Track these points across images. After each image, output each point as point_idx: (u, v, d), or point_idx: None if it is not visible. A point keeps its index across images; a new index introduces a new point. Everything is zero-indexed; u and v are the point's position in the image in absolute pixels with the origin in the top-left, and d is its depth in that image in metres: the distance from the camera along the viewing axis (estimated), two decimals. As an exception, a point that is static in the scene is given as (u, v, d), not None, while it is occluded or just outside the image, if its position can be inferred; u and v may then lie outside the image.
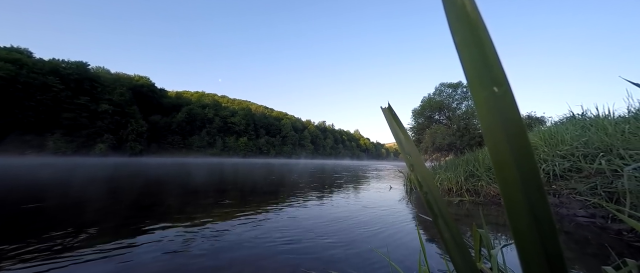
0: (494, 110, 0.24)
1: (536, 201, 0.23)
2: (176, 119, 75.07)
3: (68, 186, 6.76)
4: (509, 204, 0.25)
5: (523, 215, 0.24)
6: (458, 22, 0.25)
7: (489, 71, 0.24)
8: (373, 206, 4.60)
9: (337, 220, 3.54)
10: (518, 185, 0.24)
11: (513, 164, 0.24)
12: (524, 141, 0.23)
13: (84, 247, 2.43)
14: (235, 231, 2.99)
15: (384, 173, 16.31)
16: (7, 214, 3.64)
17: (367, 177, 12.17)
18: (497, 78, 0.23)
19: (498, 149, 0.24)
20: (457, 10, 0.24)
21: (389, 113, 0.46)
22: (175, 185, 7.26)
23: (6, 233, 2.77)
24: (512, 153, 0.23)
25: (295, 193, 6.02)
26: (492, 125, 0.24)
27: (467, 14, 0.24)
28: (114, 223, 3.27)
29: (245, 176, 11.16)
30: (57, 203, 4.53)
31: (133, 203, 4.73)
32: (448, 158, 11.94)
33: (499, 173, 0.24)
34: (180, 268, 2.02)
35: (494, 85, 0.23)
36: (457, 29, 0.25)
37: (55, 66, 51.57)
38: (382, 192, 6.46)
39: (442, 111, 15.89)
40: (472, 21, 0.24)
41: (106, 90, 58.65)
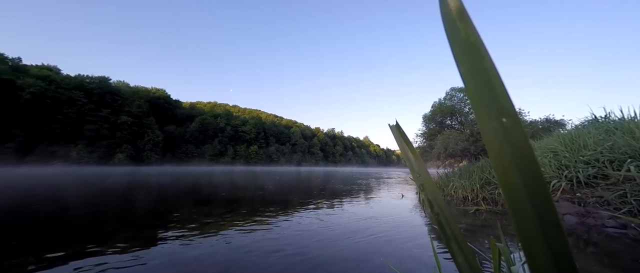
0: (503, 141, 0.23)
1: (553, 238, 0.23)
2: (190, 128, 77.52)
3: (115, 193, 7.09)
4: (524, 238, 0.24)
5: (539, 255, 0.23)
6: (463, 53, 0.25)
7: (496, 102, 0.23)
8: (384, 216, 4.50)
9: (349, 230, 3.49)
10: (532, 217, 0.23)
11: (526, 196, 0.23)
12: (536, 172, 0.23)
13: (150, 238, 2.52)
14: (244, 241, 3.01)
15: (395, 181, 15.98)
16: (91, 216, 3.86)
17: (379, 185, 11.95)
18: (505, 109, 0.23)
19: (508, 179, 0.24)
20: (461, 42, 0.25)
21: (397, 131, 0.45)
22: (201, 194, 7.44)
23: (90, 231, 2.93)
24: (524, 184, 0.23)
25: (307, 203, 6.00)
26: (501, 156, 0.24)
27: (471, 45, 0.24)
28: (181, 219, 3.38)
29: (256, 184, 11.27)
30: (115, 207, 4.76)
31: (190, 206, 4.88)
32: (462, 164, 11.56)
33: (510, 204, 0.24)
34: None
35: (503, 117, 0.23)
36: (462, 59, 0.25)
37: (80, 81, 55.09)
38: (394, 201, 6.32)
39: (453, 116, 15.52)
40: (477, 52, 0.24)
41: (126, 102, 61.74)
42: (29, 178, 14.27)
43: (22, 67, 50.04)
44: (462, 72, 0.25)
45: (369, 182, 13.83)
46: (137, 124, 61.73)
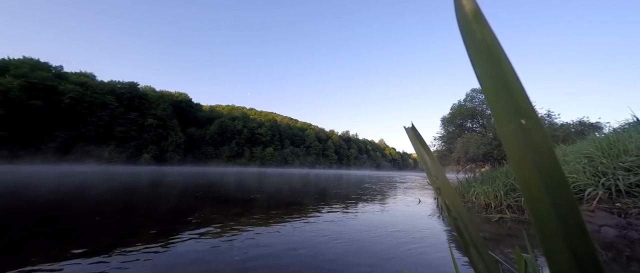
0: (523, 144, 0.23)
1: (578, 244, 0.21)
2: (209, 131, 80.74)
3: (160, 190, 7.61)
4: (546, 244, 0.23)
5: (563, 261, 0.22)
6: (479, 55, 0.24)
7: (515, 104, 0.23)
8: (400, 220, 4.39)
9: (363, 234, 3.44)
10: (554, 222, 0.22)
11: (548, 200, 0.22)
12: (558, 176, 0.22)
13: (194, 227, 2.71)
14: (260, 241, 3.07)
15: (411, 185, 15.50)
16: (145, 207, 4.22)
17: (394, 189, 11.67)
18: (524, 110, 0.22)
19: (529, 183, 0.23)
20: (477, 44, 0.24)
21: (413, 133, 0.44)
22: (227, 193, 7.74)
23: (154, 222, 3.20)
24: (546, 188, 0.22)
25: (319, 205, 6.01)
26: (521, 158, 0.23)
27: (488, 46, 0.24)
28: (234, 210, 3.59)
29: (273, 186, 11.46)
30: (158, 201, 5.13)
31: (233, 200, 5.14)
32: (484, 169, 10.99)
33: (532, 210, 0.23)
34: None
35: (521, 118, 0.22)
36: (478, 61, 0.24)
37: (112, 87, 59.58)
38: (411, 206, 6.14)
39: (474, 118, 14.82)
40: (493, 53, 0.23)
41: (152, 106, 65.71)
42: (69, 175, 15.63)
43: (63, 74, 55.14)
44: (479, 73, 0.24)
45: (383, 186, 13.55)
46: (162, 126, 65.42)
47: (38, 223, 3.68)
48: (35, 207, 4.94)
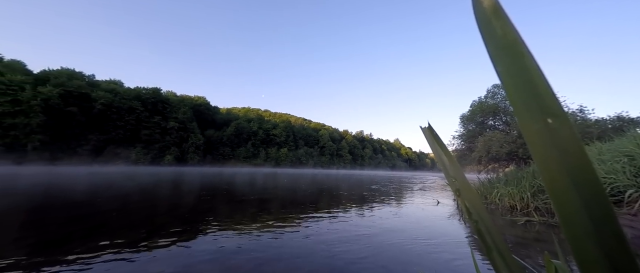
0: (549, 144, 0.21)
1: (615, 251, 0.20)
2: (226, 132, 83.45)
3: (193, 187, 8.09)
4: (578, 251, 0.21)
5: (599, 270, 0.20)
6: (499, 52, 0.23)
7: (540, 101, 0.21)
8: (418, 222, 4.26)
9: (380, 236, 3.39)
10: (587, 228, 0.20)
11: (579, 204, 0.20)
12: (590, 177, 0.20)
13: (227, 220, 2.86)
14: (277, 241, 3.13)
15: (429, 186, 15.00)
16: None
17: (411, 190, 11.36)
18: (551, 108, 0.21)
19: (557, 187, 0.21)
20: (498, 40, 0.23)
21: (430, 133, 0.42)
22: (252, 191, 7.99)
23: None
24: (577, 191, 0.20)
25: (336, 205, 6.00)
26: (548, 161, 0.21)
27: (509, 43, 0.22)
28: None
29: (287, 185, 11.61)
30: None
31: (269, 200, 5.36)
32: (508, 169, 10.38)
33: (561, 214, 0.21)
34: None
35: (548, 117, 0.21)
36: (498, 58, 0.23)
37: (138, 92, 63.46)
38: (429, 208, 5.95)
39: (497, 116, 14.06)
40: (515, 50, 0.22)
41: (173, 110, 69.15)
42: (100, 175, 16.89)
43: (95, 82, 59.63)
44: (500, 71, 0.23)
45: (400, 187, 13.24)
46: (183, 128, 68.62)
47: (76, 219, 4.01)
48: (73, 205, 5.39)
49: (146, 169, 40.86)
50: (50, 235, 3.16)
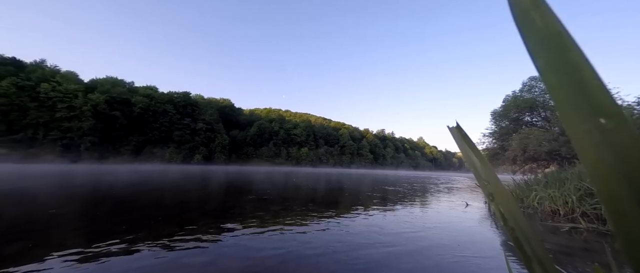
0: (601, 146, 0.18)
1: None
2: (250, 133, 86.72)
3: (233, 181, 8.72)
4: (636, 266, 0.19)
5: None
6: (540, 45, 0.20)
7: (590, 99, 0.18)
8: (445, 227, 4.05)
9: (404, 242, 3.29)
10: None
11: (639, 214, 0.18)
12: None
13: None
14: (301, 237, 3.18)
15: (456, 187, 14.17)
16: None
17: (437, 191, 10.84)
18: (603, 107, 0.18)
19: (612, 193, 0.19)
20: (538, 33, 0.20)
21: (458, 133, 0.38)
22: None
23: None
24: (636, 199, 0.18)
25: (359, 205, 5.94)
26: (600, 165, 0.19)
27: (551, 35, 0.19)
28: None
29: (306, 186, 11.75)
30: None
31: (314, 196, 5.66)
32: (548, 170, 9.43)
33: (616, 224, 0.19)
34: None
35: (600, 116, 0.18)
36: (539, 52, 0.20)
37: (170, 97, 68.56)
38: (457, 211, 5.62)
39: (534, 111, 12.84)
40: (559, 42, 0.19)
41: (201, 112, 73.56)
42: (139, 173, 18.60)
43: (134, 88, 65.56)
44: (540, 67, 0.20)
45: (424, 187, 12.69)
46: (210, 129, 72.74)
47: (121, 212, 4.47)
48: (118, 199, 6.00)
49: (178, 167, 44.07)
50: (100, 225, 3.56)
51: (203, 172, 25.58)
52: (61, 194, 6.76)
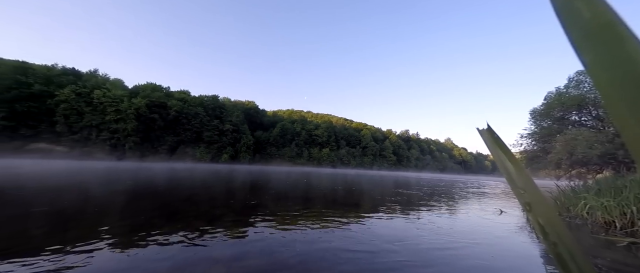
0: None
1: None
2: (273, 133, 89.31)
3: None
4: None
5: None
6: (587, 38, 0.18)
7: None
8: (476, 237, 3.76)
9: (431, 253, 3.14)
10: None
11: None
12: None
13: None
14: (321, 237, 3.19)
15: (488, 192, 13.12)
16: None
17: (466, 196, 10.15)
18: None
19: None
20: (584, 25, 0.18)
21: (490, 137, 0.35)
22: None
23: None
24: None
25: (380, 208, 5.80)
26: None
27: (601, 26, 0.17)
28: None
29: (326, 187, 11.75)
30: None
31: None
32: (600, 176, 8.31)
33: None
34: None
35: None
36: (585, 46, 0.18)
37: (201, 100, 73.38)
38: (490, 219, 5.20)
39: (583, 109, 11.41)
40: (610, 34, 0.17)
41: (228, 113, 77.57)
42: (174, 171, 20.19)
43: (170, 93, 71.31)
44: (588, 62, 0.18)
45: (452, 192, 11.96)
46: (236, 130, 76.39)
47: (158, 206, 4.89)
48: (156, 194, 6.58)
49: (207, 166, 46.91)
50: (140, 217, 3.93)
51: (229, 170, 26.93)
52: (110, 188, 7.61)
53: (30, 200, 5.00)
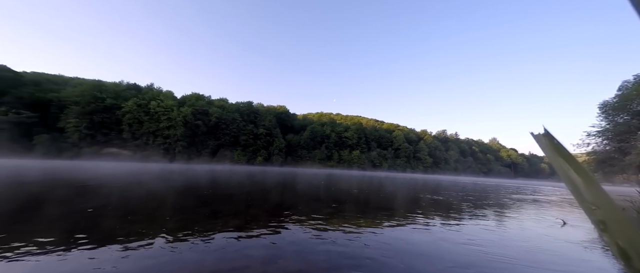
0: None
1: None
2: (303, 136, 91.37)
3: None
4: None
5: None
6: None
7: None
8: (535, 253, 3.34)
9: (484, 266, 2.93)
10: None
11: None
12: None
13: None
14: (359, 241, 3.21)
15: (546, 198, 11.46)
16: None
17: (519, 204, 9.05)
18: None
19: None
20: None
21: (548, 142, 0.28)
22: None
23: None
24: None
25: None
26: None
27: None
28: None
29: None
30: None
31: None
32: None
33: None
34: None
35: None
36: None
37: (237, 106, 78.93)
38: (549, 232, 4.58)
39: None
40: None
41: (262, 118, 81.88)
42: (215, 172, 22.08)
43: (211, 101, 78.25)
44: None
45: (499, 198, 10.78)
46: (269, 134, 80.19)
47: (201, 204, 5.46)
48: (200, 193, 7.32)
49: (243, 168, 50.05)
50: (187, 213, 4.45)
51: (263, 172, 28.34)
52: (165, 185, 8.69)
53: (109, 192, 6.03)
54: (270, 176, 20.38)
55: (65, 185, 8.04)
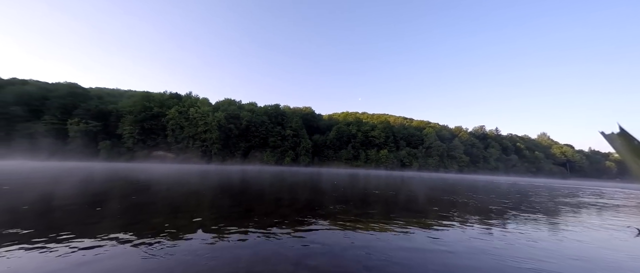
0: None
1: None
2: (329, 137, 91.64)
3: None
4: None
5: None
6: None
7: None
8: (603, 266, 2.90)
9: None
10: None
11: None
12: None
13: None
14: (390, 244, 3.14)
15: (612, 202, 9.80)
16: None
17: (577, 208, 7.92)
18: None
19: None
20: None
21: (625, 142, 0.23)
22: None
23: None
24: None
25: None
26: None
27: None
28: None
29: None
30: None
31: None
32: None
33: None
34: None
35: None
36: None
37: (265, 109, 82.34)
38: (623, 240, 3.94)
39: None
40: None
41: (288, 120, 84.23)
42: (246, 173, 23.34)
43: (242, 105, 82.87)
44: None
45: (554, 201, 9.53)
46: (296, 135, 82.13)
47: (235, 203, 5.82)
48: (232, 192, 7.81)
49: (272, 168, 52.04)
50: (222, 211, 4.78)
51: (291, 172, 29.10)
52: (204, 184, 9.46)
53: (157, 190, 6.78)
54: (297, 176, 20.86)
55: (124, 184, 9.30)
